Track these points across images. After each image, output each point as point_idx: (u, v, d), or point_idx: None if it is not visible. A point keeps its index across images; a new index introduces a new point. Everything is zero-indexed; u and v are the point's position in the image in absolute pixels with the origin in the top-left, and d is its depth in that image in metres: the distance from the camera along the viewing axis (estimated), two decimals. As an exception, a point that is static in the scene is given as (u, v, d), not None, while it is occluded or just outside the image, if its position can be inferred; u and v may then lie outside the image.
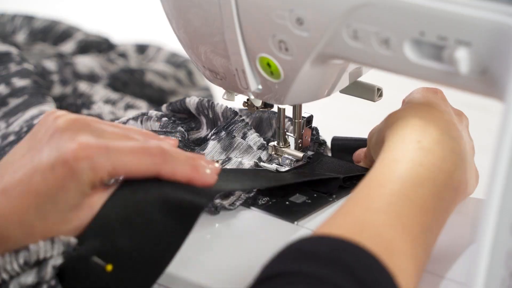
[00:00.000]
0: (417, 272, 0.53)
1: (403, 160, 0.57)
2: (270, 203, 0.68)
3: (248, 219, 0.66)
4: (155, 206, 0.55)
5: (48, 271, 0.53)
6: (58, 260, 0.54)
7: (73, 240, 0.54)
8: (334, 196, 0.70)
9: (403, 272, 0.51)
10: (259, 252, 0.60)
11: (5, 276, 0.53)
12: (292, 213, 0.66)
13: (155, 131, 0.74)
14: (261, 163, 0.72)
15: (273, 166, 0.72)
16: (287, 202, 0.68)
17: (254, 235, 0.64)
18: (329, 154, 0.79)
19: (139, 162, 0.55)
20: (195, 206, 0.56)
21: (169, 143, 0.61)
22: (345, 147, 0.76)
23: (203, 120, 0.77)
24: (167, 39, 1.17)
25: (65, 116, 0.55)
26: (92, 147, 0.53)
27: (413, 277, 0.52)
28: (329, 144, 0.79)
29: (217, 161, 0.69)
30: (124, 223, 0.54)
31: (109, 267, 0.54)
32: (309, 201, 0.69)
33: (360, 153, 0.74)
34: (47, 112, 0.57)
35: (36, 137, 0.55)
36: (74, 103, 0.95)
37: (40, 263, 0.54)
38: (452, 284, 0.58)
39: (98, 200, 0.55)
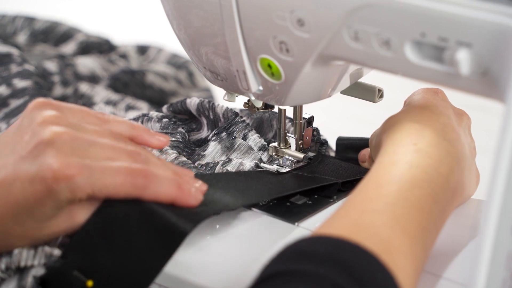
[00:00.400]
0: (416, 271, 0.53)
1: (400, 162, 0.58)
2: (271, 204, 0.68)
3: (249, 220, 0.66)
4: (138, 225, 0.55)
5: (29, 280, 0.53)
6: (39, 271, 0.54)
7: (56, 252, 0.54)
8: (334, 197, 0.70)
9: (401, 271, 0.51)
10: (260, 253, 0.60)
11: None
12: (293, 214, 0.66)
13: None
14: (262, 164, 0.72)
15: (273, 167, 0.72)
16: (287, 203, 0.68)
17: (254, 236, 0.64)
18: (331, 154, 0.79)
19: (121, 185, 0.55)
20: (179, 231, 0.55)
21: (160, 140, 0.60)
22: (350, 146, 0.76)
23: (204, 121, 0.77)
24: (167, 40, 1.17)
25: (52, 126, 0.54)
26: (73, 168, 0.53)
27: (412, 276, 0.52)
28: (331, 144, 0.79)
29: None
30: (106, 241, 0.54)
31: (90, 283, 0.54)
32: (310, 202, 0.69)
33: (365, 153, 0.74)
34: (34, 104, 0.56)
35: (22, 135, 0.55)
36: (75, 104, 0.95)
37: (21, 272, 0.54)
38: (450, 284, 0.58)
39: (77, 208, 0.55)
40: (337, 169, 0.72)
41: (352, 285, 0.48)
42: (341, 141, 0.77)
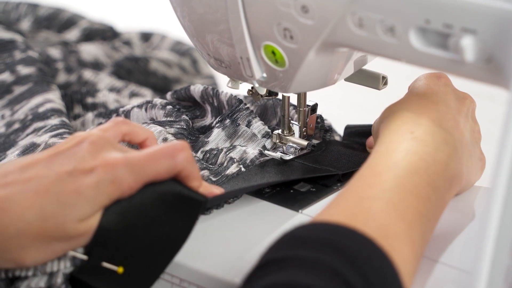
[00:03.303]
0: (414, 257, 0.53)
1: (396, 150, 0.58)
2: (275, 191, 0.68)
3: (253, 208, 0.66)
4: (153, 207, 0.55)
5: (59, 280, 0.53)
6: (67, 264, 0.53)
7: (80, 255, 0.54)
8: (339, 184, 0.70)
9: (399, 255, 0.51)
10: (263, 240, 0.60)
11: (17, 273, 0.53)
12: (296, 202, 0.67)
13: (159, 121, 0.74)
14: (266, 151, 0.72)
15: (277, 154, 0.72)
16: (291, 191, 0.68)
17: (258, 223, 0.64)
18: (337, 138, 0.79)
19: (160, 166, 0.54)
20: (195, 202, 0.56)
21: None
22: (358, 132, 0.76)
23: (208, 108, 0.77)
24: (171, 27, 1.17)
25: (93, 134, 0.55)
26: (115, 163, 0.53)
27: (410, 261, 0.53)
28: (337, 129, 0.79)
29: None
30: (126, 231, 0.54)
31: (120, 270, 0.54)
32: (314, 189, 0.69)
33: (372, 140, 0.74)
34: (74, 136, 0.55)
35: (60, 148, 0.54)
36: (79, 91, 0.95)
37: (50, 274, 0.54)
38: (452, 271, 0.59)
39: (92, 225, 0.53)
40: (340, 158, 0.72)
41: (348, 269, 0.48)
42: (349, 129, 0.77)
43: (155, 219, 0.55)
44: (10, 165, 0.53)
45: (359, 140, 0.76)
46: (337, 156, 0.73)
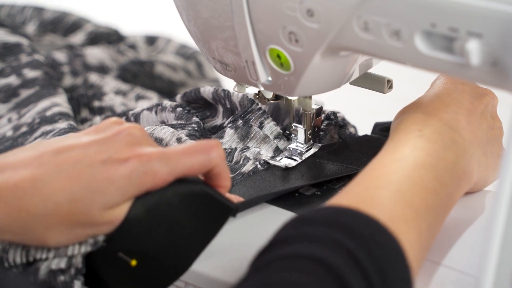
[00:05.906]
0: (420, 245, 0.53)
1: (404, 146, 0.58)
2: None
3: (257, 211, 0.66)
4: (181, 208, 0.55)
5: (79, 260, 0.54)
6: (88, 248, 0.54)
7: (100, 238, 0.54)
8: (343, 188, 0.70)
9: (405, 237, 0.51)
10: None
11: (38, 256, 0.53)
12: (301, 205, 0.67)
13: (171, 124, 0.75)
14: (270, 160, 0.72)
15: (282, 163, 0.71)
16: (296, 194, 0.69)
17: (263, 228, 0.64)
18: (352, 131, 0.78)
19: (194, 160, 0.55)
20: (226, 208, 0.56)
21: None
22: (388, 128, 0.76)
23: (220, 108, 0.77)
24: (176, 31, 1.17)
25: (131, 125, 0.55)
26: (151, 155, 0.53)
27: (417, 247, 0.53)
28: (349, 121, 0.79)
29: None
30: (150, 229, 0.54)
31: (134, 262, 0.54)
32: (319, 193, 0.69)
33: None
34: (112, 120, 0.56)
35: (99, 131, 0.55)
36: (85, 94, 0.95)
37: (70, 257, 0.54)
38: (450, 272, 0.59)
39: (119, 215, 0.53)
40: (361, 156, 0.72)
41: (352, 242, 0.49)
42: (379, 126, 0.77)
43: (181, 220, 0.55)
44: (46, 145, 0.53)
45: (387, 134, 0.76)
46: (357, 155, 0.72)
